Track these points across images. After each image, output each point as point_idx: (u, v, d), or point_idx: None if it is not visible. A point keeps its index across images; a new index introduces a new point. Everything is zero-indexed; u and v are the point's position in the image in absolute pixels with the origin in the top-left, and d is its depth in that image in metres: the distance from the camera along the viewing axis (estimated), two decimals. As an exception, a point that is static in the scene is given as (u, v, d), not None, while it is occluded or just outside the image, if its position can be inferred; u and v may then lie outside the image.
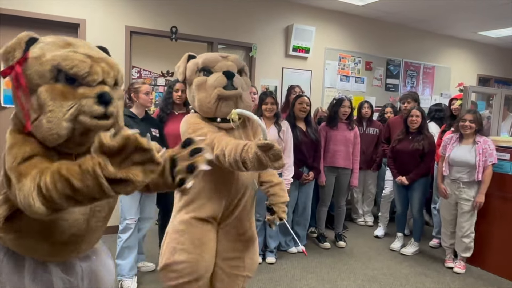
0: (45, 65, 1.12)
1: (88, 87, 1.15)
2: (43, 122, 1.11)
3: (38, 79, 1.12)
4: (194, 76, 1.84)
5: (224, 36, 4.49)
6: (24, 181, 1.03)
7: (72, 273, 1.33)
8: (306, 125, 3.55)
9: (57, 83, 1.13)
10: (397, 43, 5.93)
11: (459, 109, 3.99)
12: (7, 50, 1.14)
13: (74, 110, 1.12)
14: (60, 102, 1.11)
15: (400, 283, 3.09)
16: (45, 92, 1.12)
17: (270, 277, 3.10)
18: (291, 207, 3.57)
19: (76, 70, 1.12)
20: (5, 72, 1.13)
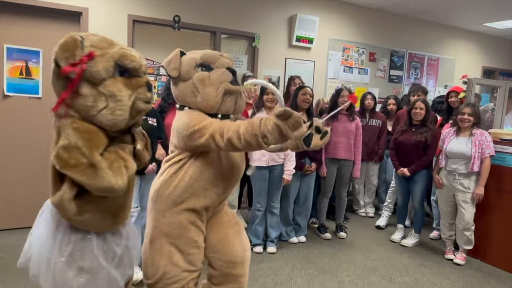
0: (109, 61, 1.32)
1: (139, 77, 1.40)
2: (114, 110, 1.32)
3: (105, 74, 1.31)
4: (193, 71, 1.79)
5: (227, 26, 4.47)
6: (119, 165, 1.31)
7: (121, 237, 1.56)
8: (308, 116, 3.54)
9: (117, 77, 1.35)
10: (401, 34, 5.87)
11: (458, 101, 3.97)
12: (65, 49, 1.29)
13: (133, 98, 1.36)
14: (125, 92, 1.34)
15: (399, 274, 3.12)
16: (111, 85, 1.32)
17: (270, 266, 3.13)
18: (292, 197, 3.60)
19: (134, 64, 1.37)
20: (67, 70, 1.27)
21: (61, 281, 1.38)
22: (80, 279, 1.40)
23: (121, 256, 1.54)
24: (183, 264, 1.81)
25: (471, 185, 3.28)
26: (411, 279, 3.05)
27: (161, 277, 1.78)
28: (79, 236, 1.42)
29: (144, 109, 1.42)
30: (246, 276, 2.03)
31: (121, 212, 1.52)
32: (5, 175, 3.53)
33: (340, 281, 2.94)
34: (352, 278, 3.00)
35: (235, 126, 1.57)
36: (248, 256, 2.03)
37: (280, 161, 3.30)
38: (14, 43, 3.46)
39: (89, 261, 1.41)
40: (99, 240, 1.46)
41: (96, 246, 1.44)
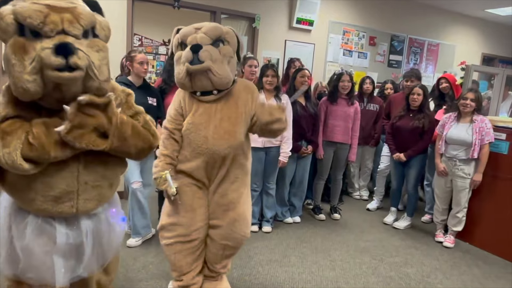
0: (5, 19, 1.12)
1: (47, 38, 1.14)
2: (12, 77, 1.13)
3: (3, 34, 1.14)
4: (177, 50, 1.89)
5: (228, 6, 4.43)
6: (10, 140, 1.14)
7: (77, 229, 1.39)
8: (305, 99, 3.57)
9: (21, 37, 1.13)
10: (402, 18, 5.83)
11: (448, 87, 4.00)
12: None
13: (36, 64, 1.12)
14: (21, 56, 1.11)
15: (390, 254, 3.21)
16: (8, 47, 1.13)
17: (265, 245, 3.21)
18: (288, 179, 3.66)
19: (29, 20, 1.11)
20: None
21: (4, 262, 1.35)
22: (6, 251, 1.34)
23: (71, 250, 1.40)
24: (174, 224, 2.01)
25: (471, 171, 3.33)
26: (401, 259, 3.14)
27: (160, 228, 2.08)
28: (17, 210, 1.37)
29: (56, 78, 1.14)
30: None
31: (64, 198, 1.33)
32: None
33: (332, 260, 3.04)
34: (344, 258, 3.09)
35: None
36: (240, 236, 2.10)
37: (277, 143, 3.35)
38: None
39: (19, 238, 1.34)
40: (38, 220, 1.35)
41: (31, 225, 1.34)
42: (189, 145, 1.94)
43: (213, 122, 1.91)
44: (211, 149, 1.91)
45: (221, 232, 2.05)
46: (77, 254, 1.41)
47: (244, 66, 3.79)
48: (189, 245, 2.04)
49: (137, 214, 2.94)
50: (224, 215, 2.04)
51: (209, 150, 1.91)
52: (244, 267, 2.81)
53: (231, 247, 2.10)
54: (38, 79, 1.13)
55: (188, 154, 1.96)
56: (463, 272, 3.02)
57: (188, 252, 2.05)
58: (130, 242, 2.97)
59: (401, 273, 2.91)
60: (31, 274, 1.33)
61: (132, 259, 2.78)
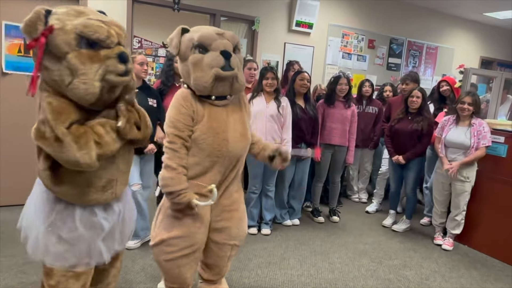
0: (69, 34, 1.27)
1: (108, 49, 1.34)
2: (78, 84, 1.29)
3: (66, 47, 1.27)
4: (189, 52, 1.81)
5: (227, 8, 4.44)
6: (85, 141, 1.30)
7: (113, 213, 1.59)
8: (305, 101, 3.58)
9: (82, 49, 1.29)
10: (401, 22, 5.86)
11: (449, 90, 4.02)
12: (28, 24, 1.26)
13: (102, 71, 1.31)
14: (89, 65, 1.29)
15: (389, 257, 3.22)
16: (74, 58, 1.28)
17: (264, 247, 3.21)
18: (287, 181, 3.66)
19: (97, 35, 1.30)
20: (31, 45, 1.26)
21: (42, 247, 1.45)
22: (59, 247, 1.45)
23: (110, 231, 1.57)
24: (179, 238, 1.90)
25: (470, 175, 3.34)
26: (400, 262, 3.15)
27: (158, 243, 1.94)
28: (62, 206, 1.46)
29: (118, 83, 1.37)
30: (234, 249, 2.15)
31: (108, 186, 1.51)
32: (5, 152, 3.56)
33: (331, 262, 3.04)
34: (343, 260, 3.09)
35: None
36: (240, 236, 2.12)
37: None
38: (13, 20, 3.44)
39: (68, 230, 1.46)
40: (85, 212, 1.49)
41: (79, 217, 1.47)
42: (204, 150, 1.85)
43: (229, 124, 1.91)
44: (231, 151, 1.90)
45: (230, 233, 2.05)
46: (113, 233, 1.61)
47: (244, 69, 3.80)
48: (194, 256, 1.98)
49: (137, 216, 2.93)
50: (230, 216, 2.04)
51: (229, 152, 1.89)
52: (243, 269, 2.81)
53: (237, 246, 2.13)
54: (101, 84, 1.32)
55: (201, 161, 1.87)
56: (462, 274, 3.03)
57: (194, 263, 2.01)
58: (129, 244, 2.97)
59: (400, 276, 2.91)
60: (86, 259, 1.51)
61: (131, 261, 2.78)
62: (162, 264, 1.97)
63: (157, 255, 1.97)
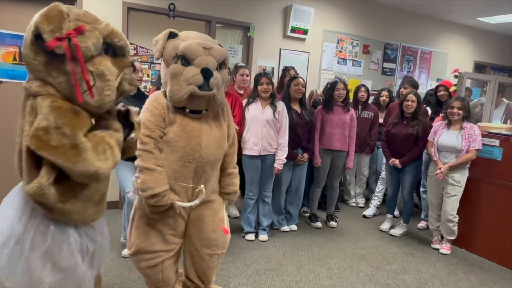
0: (99, 38, 1.23)
1: (124, 57, 1.32)
2: (102, 90, 1.23)
3: (94, 51, 1.21)
4: (171, 61, 1.77)
5: (223, 15, 4.46)
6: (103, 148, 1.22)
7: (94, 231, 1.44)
8: (301, 107, 3.58)
9: (104, 54, 1.26)
10: (395, 27, 5.91)
11: (446, 95, 4.05)
12: (50, 19, 1.14)
13: (120, 79, 1.30)
14: (113, 72, 1.26)
15: (387, 262, 3.21)
16: (100, 63, 1.23)
17: (262, 253, 3.20)
18: (284, 186, 3.65)
19: (122, 42, 1.30)
20: (52, 44, 1.13)
21: (34, 278, 1.22)
22: (55, 276, 1.25)
23: (93, 254, 1.42)
24: (159, 244, 1.90)
25: (461, 179, 3.35)
26: (398, 267, 3.14)
27: (136, 251, 1.91)
28: (56, 229, 1.27)
29: (129, 91, 1.36)
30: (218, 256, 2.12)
31: (102, 201, 1.44)
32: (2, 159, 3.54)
33: (329, 268, 3.02)
34: (341, 265, 3.08)
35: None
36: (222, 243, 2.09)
37: (272, 150, 3.35)
38: (8, 28, 3.43)
39: (65, 257, 1.28)
40: (76, 234, 1.33)
41: (74, 241, 1.31)
42: (176, 153, 1.83)
43: (205, 130, 1.89)
44: (204, 157, 1.87)
45: (215, 243, 2.04)
46: (96, 255, 1.47)
47: (236, 75, 3.81)
48: (175, 256, 2.00)
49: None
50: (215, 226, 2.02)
51: (202, 158, 1.87)
52: (241, 276, 2.79)
53: (223, 254, 2.13)
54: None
55: (172, 164, 1.84)
56: (460, 278, 3.02)
57: (174, 261, 2.02)
58: (125, 252, 2.94)
59: (398, 281, 2.90)
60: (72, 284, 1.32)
61: (127, 269, 2.75)
62: (145, 271, 1.96)
63: (137, 263, 1.95)
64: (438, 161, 3.42)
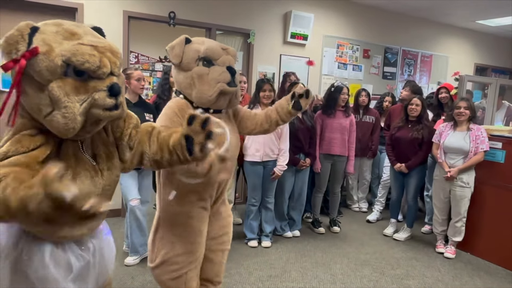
0: (55, 61, 1.10)
1: (98, 80, 1.15)
2: (58, 117, 1.11)
3: (49, 75, 1.10)
4: (194, 64, 1.81)
5: (223, 22, 4.48)
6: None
7: (86, 249, 1.37)
8: (302, 112, 3.58)
9: (67, 78, 1.12)
10: (395, 31, 5.92)
11: (447, 97, 4.04)
12: (9, 42, 1.10)
13: (87, 104, 1.13)
14: (73, 97, 1.11)
15: (391, 267, 3.18)
16: (57, 88, 1.10)
17: (265, 260, 3.18)
18: (287, 192, 3.64)
19: (87, 65, 1.12)
20: (7, 66, 1.09)
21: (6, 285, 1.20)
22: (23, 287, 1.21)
23: (80, 271, 1.34)
24: (184, 254, 1.87)
25: (469, 180, 3.34)
26: (403, 271, 3.11)
27: (161, 263, 1.87)
28: (30, 238, 1.23)
29: (105, 117, 1.18)
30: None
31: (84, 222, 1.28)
32: None
33: (333, 274, 3.00)
34: (345, 271, 3.06)
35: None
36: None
37: (274, 156, 3.35)
38: (9, 39, 3.46)
39: (36, 269, 1.22)
40: (55, 247, 1.26)
41: (49, 253, 1.24)
42: None
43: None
44: (232, 158, 1.94)
45: (227, 238, 2.09)
46: (87, 274, 1.39)
47: None
48: (198, 266, 1.97)
49: (135, 232, 2.91)
50: (227, 222, 2.08)
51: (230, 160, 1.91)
52: (244, 283, 2.78)
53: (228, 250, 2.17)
54: (83, 118, 1.15)
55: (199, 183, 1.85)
56: (465, 283, 2.99)
57: (196, 272, 1.99)
58: (128, 260, 2.93)
59: (403, 286, 2.88)
60: None
61: (130, 278, 2.74)
62: (168, 284, 1.91)
63: (160, 275, 1.90)
64: (443, 164, 3.40)
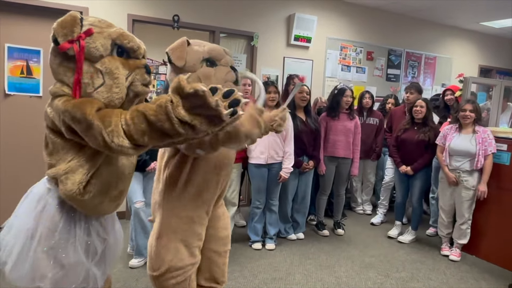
0: (107, 39, 1.31)
1: (136, 59, 1.38)
2: (110, 87, 1.29)
3: (103, 51, 1.29)
4: (198, 65, 1.80)
5: (226, 25, 4.50)
6: (110, 119, 1.19)
7: (106, 232, 1.50)
8: (306, 114, 3.59)
9: (115, 55, 1.33)
10: (399, 33, 5.91)
11: (453, 99, 4.03)
12: (64, 25, 1.26)
13: (130, 78, 1.34)
14: (122, 71, 1.32)
15: (396, 270, 3.17)
16: (109, 62, 1.30)
17: (269, 262, 3.17)
18: (291, 195, 3.64)
19: (132, 44, 1.35)
20: (64, 46, 1.25)
21: (38, 273, 1.30)
22: (57, 272, 1.32)
23: (102, 254, 1.47)
24: (188, 258, 1.86)
25: (475, 183, 3.32)
26: (408, 274, 3.10)
27: (166, 270, 1.83)
28: (64, 226, 1.35)
29: (142, 92, 1.39)
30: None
31: (120, 198, 1.47)
32: (5, 173, 3.57)
33: (337, 276, 2.99)
34: (350, 274, 3.05)
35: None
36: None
37: (279, 159, 3.35)
38: (15, 43, 3.48)
39: (69, 255, 1.34)
40: (84, 233, 1.39)
41: (79, 240, 1.37)
42: (210, 160, 1.84)
43: None
44: (232, 161, 1.94)
45: (229, 238, 2.10)
46: (105, 256, 1.51)
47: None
48: (197, 265, 1.96)
49: (139, 234, 2.92)
50: (227, 222, 2.09)
51: (230, 162, 1.93)
52: (249, 285, 2.77)
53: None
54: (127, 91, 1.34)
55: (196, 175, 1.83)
56: (471, 285, 2.97)
57: (195, 272, 1.97)
58: (132, 262, 2.94)
59: (408, 289, 2.86)
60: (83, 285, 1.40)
61: (134, 280, 2.75)
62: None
63: (165, 281, 1.84)
64: (445, 169, 3.40)
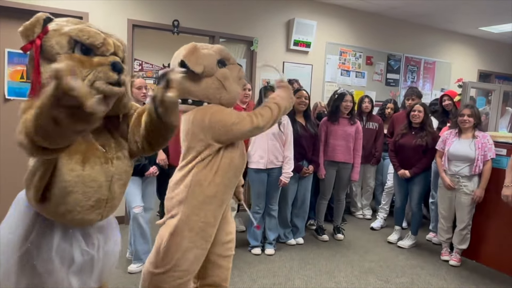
0: (63, 36, 1.24)
1: (102, 56, 1.28)
2: None
3: (58, 49, 1.24)
4: (215, 68, 1.81)
5: (226, 30, 4.51)
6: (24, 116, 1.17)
7: (91, 245, 1.43)
8: (305, 119, 3.59)
9: (74, 54, 1.25)
10: (398, 38, 5.94)
11: (451, 104, 4.03)
12: (27, 27, 1.25)
13: (91, 76, 1.24)
14: (79, 69, 1.21)
15: (396, 275, 3.16)
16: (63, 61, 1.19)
17: (268, 268, 3.16)
18: (290, 199, 3.63)
19: (92, 40, 1.26)
20: (26, 47, 1.24)
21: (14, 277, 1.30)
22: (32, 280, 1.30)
23: (84, 265, 1.40)
24: (193, 261, 1.86)
25: (474, 188, 3.31)
26: (408, 280, 3.08)
27: (171, 268, 1.81)
28: (38, 233, 1.32)
29: (108, 92, 1.26)
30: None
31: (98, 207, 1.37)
32: (5, 178, 3.56)
33: (337, 282, 2.98)
34: (349, 279, 3.03)
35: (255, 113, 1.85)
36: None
37: (278, 164, 3.35)
38: (15, 48, 3.50)
39: (43, 261, 1.31)
40: (62, 241, 1.35)
41: (56, 247, 1.33)
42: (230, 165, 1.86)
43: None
44: (244, 164, 1.96)
45: (233, 243, 2.10)
46: (92, 268, 1.44)
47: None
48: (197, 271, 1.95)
49: (138, 239, 2.91)
50: (233, 227, 2.11)
51: (243, 165, 1.95)
52: (248, 291, 2.76)
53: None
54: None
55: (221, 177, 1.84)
56: (471, 291, 2.96)
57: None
58: (131, 268, 2.93)
59: (408, 294, 2.85)
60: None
61: (133, 285, 2.73)
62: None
63: (164, 281, 1.82)
64: (442, 174, 3.40)
